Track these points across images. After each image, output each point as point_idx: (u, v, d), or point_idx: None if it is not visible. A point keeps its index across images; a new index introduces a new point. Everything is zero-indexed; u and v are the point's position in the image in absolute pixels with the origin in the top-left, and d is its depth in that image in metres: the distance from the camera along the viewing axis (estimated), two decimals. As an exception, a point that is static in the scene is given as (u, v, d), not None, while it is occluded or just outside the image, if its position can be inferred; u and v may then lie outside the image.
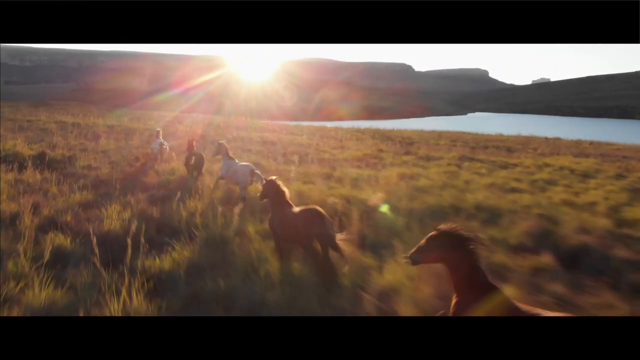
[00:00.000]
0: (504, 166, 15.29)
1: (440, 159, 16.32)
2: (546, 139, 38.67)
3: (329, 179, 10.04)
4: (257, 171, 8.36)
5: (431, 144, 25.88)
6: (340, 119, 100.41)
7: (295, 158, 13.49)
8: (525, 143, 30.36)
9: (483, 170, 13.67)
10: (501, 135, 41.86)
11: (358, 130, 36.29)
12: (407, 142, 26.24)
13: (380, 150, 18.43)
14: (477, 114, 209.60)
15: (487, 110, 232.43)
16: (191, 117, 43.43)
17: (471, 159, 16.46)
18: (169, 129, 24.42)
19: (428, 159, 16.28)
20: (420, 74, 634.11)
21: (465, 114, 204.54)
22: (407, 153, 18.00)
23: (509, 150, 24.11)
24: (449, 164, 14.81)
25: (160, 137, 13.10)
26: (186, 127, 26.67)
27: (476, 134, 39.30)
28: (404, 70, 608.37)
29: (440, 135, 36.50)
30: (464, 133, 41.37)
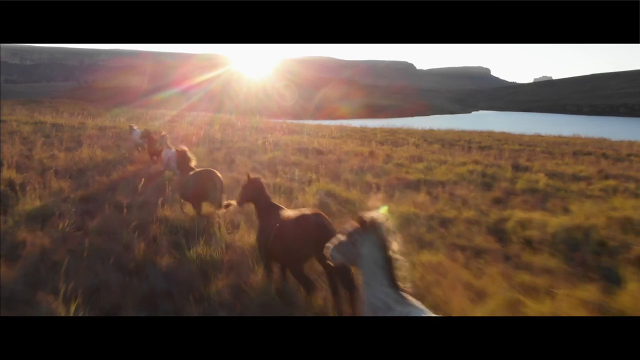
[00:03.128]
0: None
1: (583, 179, 11.19)
2: (594, 139, 33.26)
3: (524, 244, 5.00)
4: (186, 151, 8.47)
5: (503, 148, 20.64)
6: (342, 117, 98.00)
7: (378, 180, 8.52)
8: (603, 147, 25.17)
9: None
10: (539, 135, 36.62)
11: (393, 132, 30.92)
12: (477, 147, 21.02)
13: (477, 162, 13.21)
14: (481, 112, 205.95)
15: (490, 108, 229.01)
16: (193, 115, 38.54)
17: (626, 178, 11.22)
18: (179, 131, 19.25)
19: (569, 178, 11.11)
20: (421, 72, 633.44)
21: (470, 112, 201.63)
22: (516, 167, 12.82)
23: (607, 157, 18.96)
24: (620, 190, 9.56)
25: (136, 129, 13.23)
26: (195, 128, 21.45)
27: (529, 136, 33.90)
28: (406, 69, 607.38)
29: (490, 136, 31.17)
30: (502, 133, 36.05)
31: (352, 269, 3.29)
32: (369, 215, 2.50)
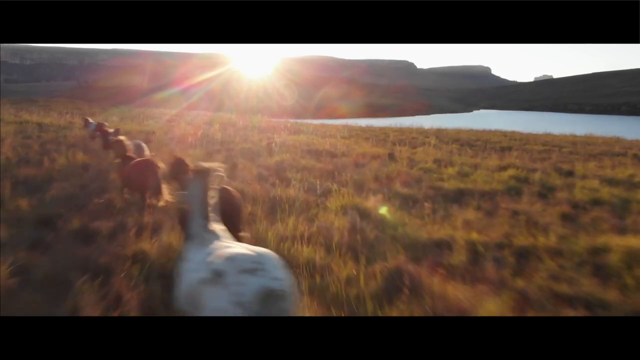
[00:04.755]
0: None
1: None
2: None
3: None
4: (144, 145, 9.12)
5: (527, 149, 18.81)
6: (342, 116, 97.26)
7: (409, 190, 6.88)
8: (627, 146, 23.19)
9: None
10: (551, 134, 34.75)
11: (403, 131, 28.88)
12: (499, 147, 19.16)
13: (516, 167, 11.29)
14: (482, 111, 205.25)
15: (491, 107, 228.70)
16: (192, 114, 36.97)
17: None
18: (176, 130, 17.64)
19: (626, 185, 9.35)
20: (422, 71, 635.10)
21: (471, 111, 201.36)
22: (560, 172, 10.95)
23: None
24: None
25: (91, 122, 13.12)
26: (194, 128, 19.78)
27: (544, 135, 31.83)
28: (406, 68, 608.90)
29: (506, 135, 29.09)
30: (514, 133, 34.09)
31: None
32: (200, 165, 2.96)
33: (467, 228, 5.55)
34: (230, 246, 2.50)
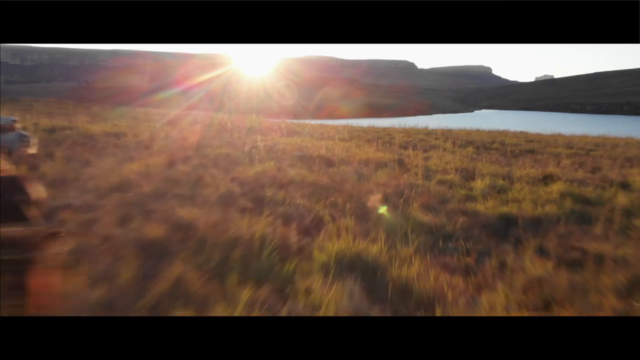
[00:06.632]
0: None
1: None
2: None
3: None
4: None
5: (553, 153, 17.14)
6: (343, 116, 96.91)
7: (434, 218, 5.15)
8: None
9: None
10: (561, 134, 33.33)
11: (408, 132, 27.40)
12: (520, 151, 17.79)
13: (564, 179, 8.56)
14: (484, 110, 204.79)
15: (492, 107, 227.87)
16: (189, 114, 36.45)
17: None
18: (148, 133, 17.06)
19: None
20: (422, 71, 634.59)
21: (472, 110, 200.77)
22: (613, 184, 8.36)
23: None
24: None
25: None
26: (172, 129, 18.88)
27: (557, 136, 29.81)
28: (407, 68, 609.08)
29: (518, 136, 28.06)
30: (523, 133, 33.07)
31: None
32: None
33: (547, 298, 3.73)
34: None
